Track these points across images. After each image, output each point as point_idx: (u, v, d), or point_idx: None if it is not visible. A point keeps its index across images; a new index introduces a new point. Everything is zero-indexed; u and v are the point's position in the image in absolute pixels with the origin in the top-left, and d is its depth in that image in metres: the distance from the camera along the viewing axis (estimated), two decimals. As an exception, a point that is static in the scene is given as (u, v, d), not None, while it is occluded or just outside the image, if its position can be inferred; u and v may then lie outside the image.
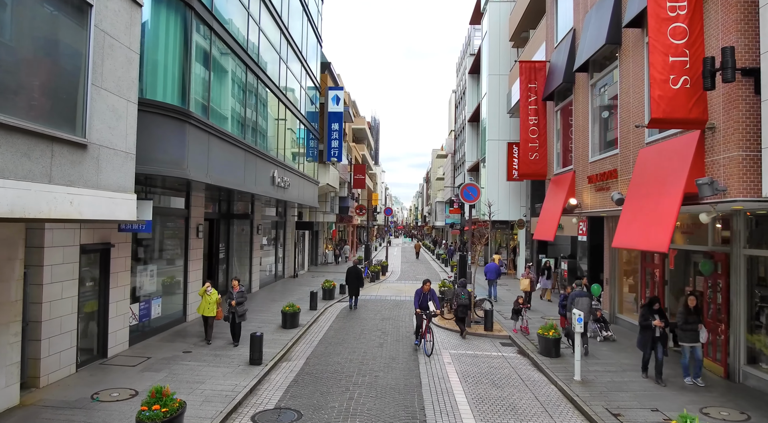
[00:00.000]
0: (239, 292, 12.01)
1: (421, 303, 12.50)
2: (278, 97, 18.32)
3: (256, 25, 15.38)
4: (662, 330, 9.77)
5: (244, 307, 12.08)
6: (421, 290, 12.75)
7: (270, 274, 23.86)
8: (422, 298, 12.60)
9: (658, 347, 9.84)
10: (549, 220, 14.39)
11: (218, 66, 12.82)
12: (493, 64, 29.28)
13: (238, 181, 13.61)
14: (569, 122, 16.10)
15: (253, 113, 15.53)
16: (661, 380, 9.75)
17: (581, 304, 11.72)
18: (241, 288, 12.14)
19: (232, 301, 11.82)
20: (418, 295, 12.69)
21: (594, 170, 12.64)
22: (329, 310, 17.78)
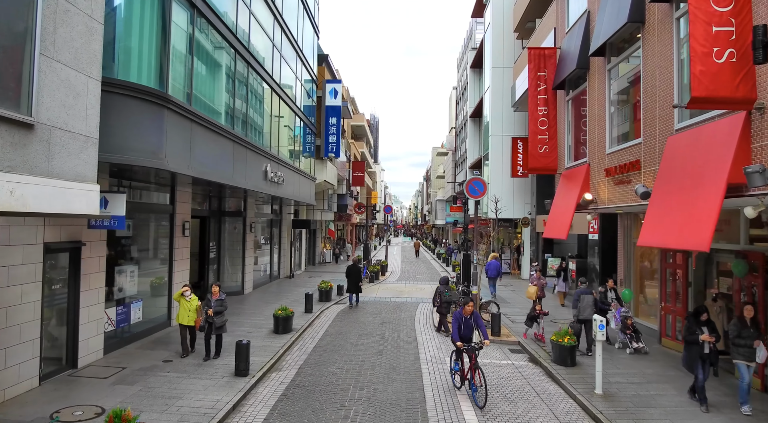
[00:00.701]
0: (218, 299, 10.46)
1: (462, 332, 9.14)
2: (271, 88, 17.29)
3: (246, 8, 14.35)
4: (712, 346, 8.31)
5: (223, 317, 10.53)
6: (460, 314, 9.22)
7: (265, 274, 22.85)
8: (464, 325, 9.19)
9: (707, 367, 8.36)
10: (561, 217, 13.39)
11: (203, 50, 11.79)
12: (497, 57, 28.25)
13: (226, 174, 12.59)
14: (581, 112, 15.07)
15: (243, 103, 14.50)
16: (704, 404, 8.24)
17: (585, 302, 11.58)
18: (221, 295, 10.58)
19: (209, 309, 10.29)
20: (458, 320, 9.13)
21: (612, 162, 11.63)
22: (326, 312, 16.77)
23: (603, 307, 11.82)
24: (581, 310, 11.60)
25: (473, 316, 9.29)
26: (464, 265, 18.14)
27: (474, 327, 9.36)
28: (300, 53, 21.43)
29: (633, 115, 11.32)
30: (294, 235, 27.68)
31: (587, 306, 11.48)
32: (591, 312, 11.36)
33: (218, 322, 10.41)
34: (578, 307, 11.68)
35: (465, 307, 9.26)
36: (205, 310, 10.36)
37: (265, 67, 16.47)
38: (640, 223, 13.94)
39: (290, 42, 19.82)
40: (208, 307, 10.35)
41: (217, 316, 10.38)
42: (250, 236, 20.04)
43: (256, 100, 16.15)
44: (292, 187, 20.08)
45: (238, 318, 14.78)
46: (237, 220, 19.40)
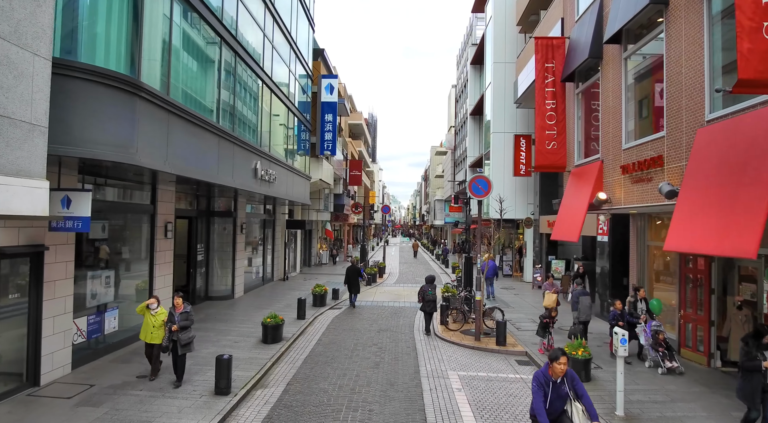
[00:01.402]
0: (183, 313, 8.97)
1: (550, 405, 5.62)
2: (262, 80, 16.32)
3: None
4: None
5: (190, 333, 9.02)
6: (545, 374, 5.69)
7: (257, 277, 21.88)
8: (552, 393, 5.63)
9: None
10: (571, 217, 12.47)
11: (184, 36, 10.83)
12: (498, 52, 27.33)
13: (210, 171, 11.63)
14: (592, 106, 14.14)
15: (230, 96, 13.53)
16: None
17: (583, 304, 11.73)
18: (186, 307, 9.06)
19: (173, 325, 8.81)
20: (542, 385, 5.63)
21: (629, 158, 10.69)
22: (320, 318, 15.81)
23: (631, 320, 10.74)
24: (581, 312, 11.66)
25: (568, 379, 5.69)
26: (466, 268, 17.20)
27: (570, 397, 5.67)
28: (294, 46, 20.47)
29: (653, 106, 10.38)
30: (288, 235, 26.71)
31: (587, 307, 11.61)
32: (591, 313, 11.52)
33: (183, 339, 8.87)
34: (578, 308, 11.75)
35: (553, 365, 5.63)
36: (168, 327, 8.85)
37: (255, 59, 15.51)
38: (656, 224, 13.03)
39: (283, 33, 18.86)
40: (171, 322, 8.86)
41: (183, 333, 8.87)
42: (241, 237, 19.08)
43: (245, 94, 15.19)
44: (285, 186, 19.12)
45: (226, 326, 13.82)
46: (227, 220, 18.44)
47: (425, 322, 14.11)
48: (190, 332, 9.07)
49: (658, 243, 13.06)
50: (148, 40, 9.02)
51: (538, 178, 24.32)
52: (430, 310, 13.96)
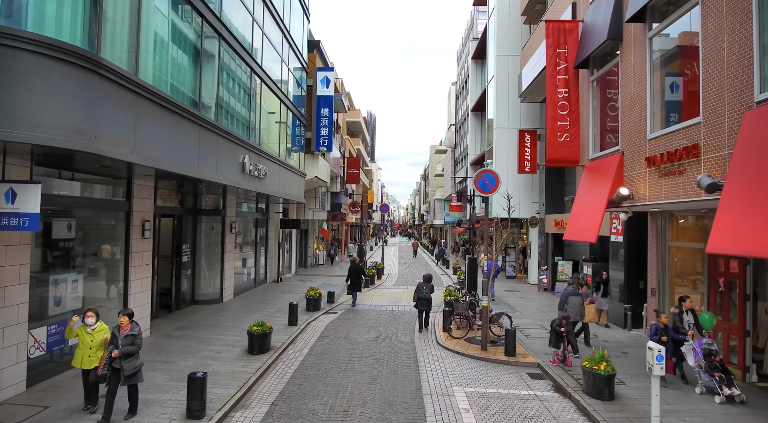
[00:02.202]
0: (129, 335, 7.19)
1: None
2: (251, 68, 15.20)
3: (217, -29, 12.27)
4: None
5: (137, 360, 7.23)
6: None
7: (248, 278, 20.75)
8: None
9: None
10: (587, 216, 11.37)
11: (158, 12, 9.71)
12: (502, 44, 26.21)
13: (189, 164, 10.50)
14: (608, 95, 13.05)
15: (214, 83, 12.41)
16: None
17: (573, 304, 11.53)
18: (134, 328, 7.30)
19: (114, 350, 7.05)
20: None
21: (657, 149, 9.57)
22: (313, 324, 14.69)
23: (677, 337, 9.31)
24: (569, 313, 11.48)
25: None
26: (469, 270, 16.08)
27: None
28: (286, 34, 19.33)
29: (685, 90, 9.28)
30: (283, 235, 25.59)
31: (575, 307, 11.49)
32: (579, 314, 11.35)
33: (128, 369, 7.09)
34: (565, 308, 11.59)
35: None
36: (110, 351, 7.09)
37: (243, 45, 14.38)
38: (678, 222, 11.93)
39: (274, 19, 17.73)
40: (114, 346, 7.10)
41: (126, 360, 7.10)
42: (231, 237, 17.95)
43: (232, 83, 14.07)
44: (277, 182, 18.00)
45: (210, 333, 12.70)
46: (215, 219, 17.32)
47: (418, 321, 13.98)
48: (137, 360, 7.25)
49: (681, 243, 11.98)
50: (112, 13, 7.91)
51: (543, 176, 23.23)
52: (423, 308, 13.74)
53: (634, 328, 14.05)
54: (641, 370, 10.23)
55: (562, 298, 11.76)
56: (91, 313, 7.46)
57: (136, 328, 7.34)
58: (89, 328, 7.39)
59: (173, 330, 12.95)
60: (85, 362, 7.31)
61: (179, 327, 13.30)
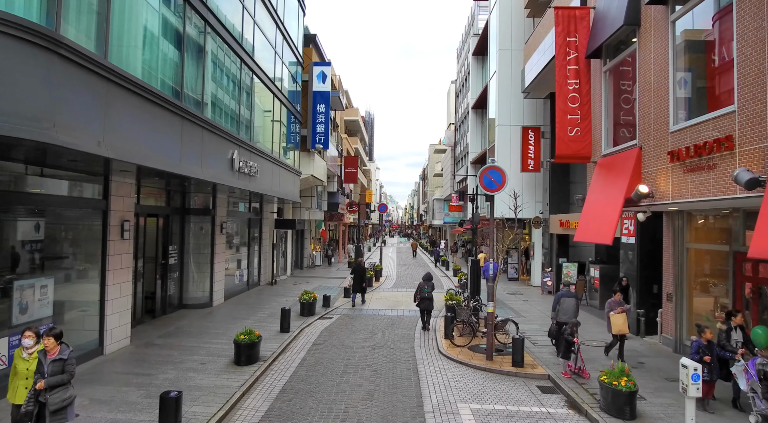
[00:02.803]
0: (58, 360, 5.74)
1: None
2: (241, 59, 14.34)
3: (203, -48, 11.42)
4: None
5: (67, 392, 5.75)
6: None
7: (241, 281, 19.90)
8: None
9: None
10: (601, 216, 10.54)
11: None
12: (504, 38, 25.39)
13: (169, 159, 9.64)
14: (621, 86, 12.22)
15: (198, 72, 11.55)
16: None
17: (566, 305, 11.05)
18: (63, 351, 5.82)
19: (40, 381, 5.59)
20: None
21: (680, 142, 8.74)
22: (307, 331, 13.84)
23: (724, 355, 8.23)
24: (560, 313, 11.09)
25: None
26: (473, 273, 15.24)
27: None
28: (280, 25, 18.47)
29: (715, 76, 8.46)
30: (278, 236, 24.74)
31: (568, 309, 11.06)
32: (572, 315, 10.88)
33: (53, 402, 5.60)
34: (557, 309, 11.17)
35: None
36: (36, 380, 5.63)
37: (234, 34, 13.54)
38: (696, 222, 11.12)
39: (267, 9, 16.88)
40: (40, 374, 5.65)
41: (53, 392, 5.63)
42: (221, 238, 17.10)
43: (220, 73, 13.23)
44: (269, 180, 17.15)
45: (195, 341, 11.85)
46: (205, 219, 16.46)
47: (421, 319, 14.21)
48: (67, 391, 5.75)
49: (701, 245, 11.16)
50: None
51: (547, 175, 22.41)
52: (425, 307, 13.91)
53: (647, 335, 13.25)
54: (663, 384, 9.42)
55: (556, 298, 11.42)
56: (30, 333, 5.96)
57: (66, 350, 5.84)
58: (26, 351, 5.91)
59: (156, 337, 12.10)
60: (20, 396, 5.80)
61: (163, 334, 12.45)
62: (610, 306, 10.67)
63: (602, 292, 17.80)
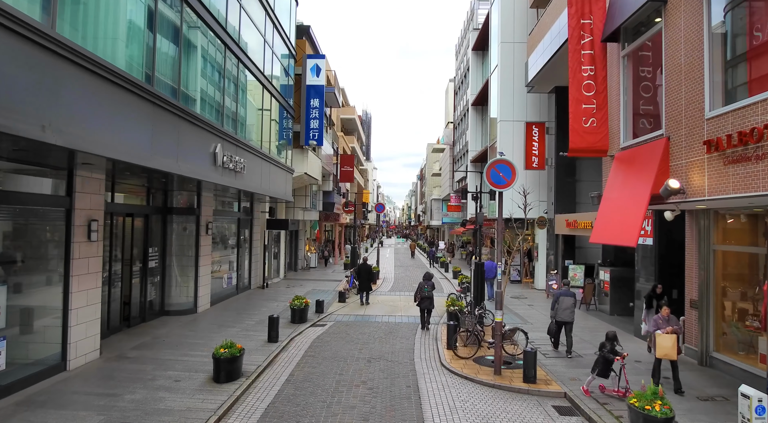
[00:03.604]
0: None
1: None
2: (226, 45, 13.23)
3: None
4: None
5: None
6: None
7: (229, 285, 18.78)
8: None
9: None
10: (622, 215, 9.48)
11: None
12: (506, 30, 24.34)
13: (137, 150, 8.52)
14: (640, 73, 11.17)
15: (174, 56, 10.43)
16: None
17: (564, 304, 11.31)
18: None
19: None
20: None
21: (720, 130, 7.64)
22: (298, 340, 12.74)
23: None
24: (558, 312, 11.35)
25: None
26: (476, 278, 14.15)
27: None
28: (270, 12, 17.34)
29: (764, 53, 7.38)
30: (270, 237, 23.63)
31: (566, 308, 11.29)
32: (570, 314, 11.23)
33: None
34: (556, 308, 11.40)
35: None
36: None
37: (218, 18, 12.43)
38: (725, 222, 10.06)
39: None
40: None
41: None
42: (207, 239, 15.98)
43: (203, 60, 12.12)
44: (259, 177, 16.03)
45: (173, 353, 10.73)
46: (189, 218, 15.35)
47: (421, 319, 14.20)
48: None
49: (731, 247, 10.11)
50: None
51: (552, 172, 21.38)
52: (426, 307, 13.93)
53: (667, 345, 12.17)
54: (695, 404, 8.37)
55: (554, 297, 11.59)
56: None
57: None
58: None
59: (130, 349, 10.97)
60: None
61: (138, 345, 11.32)
62: (656, 323, 9.06)
63: (613, 296, 16.77)
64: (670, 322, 9.05)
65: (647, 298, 10.91)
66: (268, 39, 17.26)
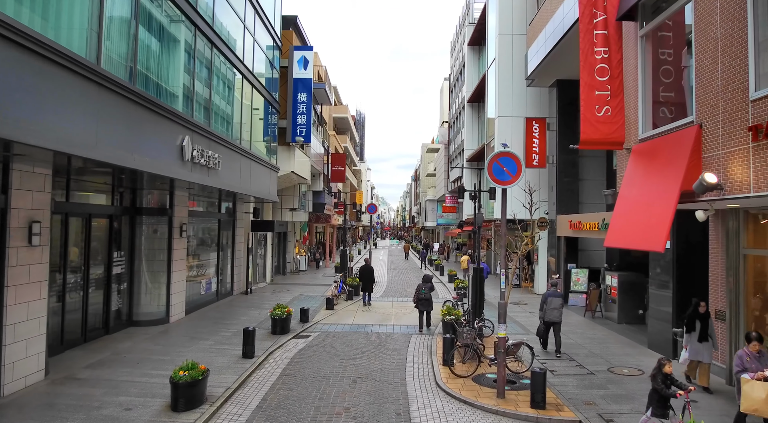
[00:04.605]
0: None
1: None
2: (197, 26, 11.91)
3: None
4: None
5: None
6: None
7: (208, 291, 17.43)
8: None
9: None
10: (645, 215, 8.23)
11: None
12: (505, 21, 23.16)
13: (76, 138, 7.19)
14: (660, 56, 9.96)
15: (127, 31, 9.09)
16: None
17: (552, 305, 11.56)
18: None
19: None
20: None
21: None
22: (277, 355, 11.43)
23: None
24: (547, 313, 11.62)
25: None
26: (475, 284, 12.87)
27: None
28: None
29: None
30: (256, 239, 22.30)
31: (554, 308, 11.54)
32: (558, 315, 11.49)
33: None
34: (544, 309, 11.67)
35: None
36: None
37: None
38: (758, 223, 8.84)
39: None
40: None
41: None
42: (181, 242, 14.64)
43: (169, 41, 10.82)
44: (237, 175, 14.72)
45: (131, 373, 9.40)
46: (161, 220, 14.01)
47: (419, 320, 14.21)
48: None
49: (765, 251, 8.89)
50: None
51: (554, 170, 20.18)
52: (424, 308, 14.00)
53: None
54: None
55: (543, 298, 11.84)
56: None
57: None
58: None
59: (82, 368, 9.63)
60: None
61: (94, 363, 9.98)
62: (741, 363, 6.86)
63: (622, 303, 15.57)
64: (761, 360, 6.67)
65: (688, 319, 9.13)
66: (249, 25, 15.95)
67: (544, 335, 12.01)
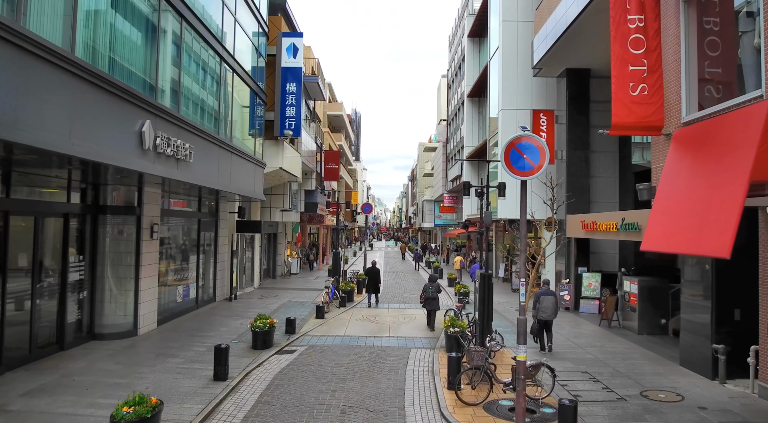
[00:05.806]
0: None
1: None
2: (170, 2, 10.33)
3: None
4: None
5: None
6: None
7: (187, 298, 15.84)
8: None
9: None
10: (700, 213, 6.73)
11: None
12: (509, 8, 21.68)
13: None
14: (705, 26, 8.44)
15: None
16: None
17: (545, 304, 11.68)
18: None
19: None
20: None
21: None
22: (255, 375, 9.86)
23: None
24: (540, 311, 11.70)
25: None
26: (483, 292, 11.32)
27: None
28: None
29: None
30: (242, 241, 20.73)
31: (547, 307, 11.64)
32: (551, 313, 11.62)
33: None
34: (537, 308, 11.75)
35: None
36: None
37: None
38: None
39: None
40: None
41: None
42: (152, 244, 13.07)
43: (120, 6, 9.24)
44: (215, 169, 13.14)
45: (75, 402, 7.83)
46: (128, 219, 12.44)
47: (427, 319, 14.57)
48: None
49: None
50: None
51: (564, 167, 18.68)
52: (431, 308, 14.32)
53: (729, 380, 9.49)
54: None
55: (535, 296, 11.97)
56: None
57: None
58: None
59: (17, 396, 8.03)
60: None
61: (34, 389, 8.38)
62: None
63: (642, 312, 14.09)
64: None
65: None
66: (229, 3, 14.37)
67: (539, 334, 12.01)
